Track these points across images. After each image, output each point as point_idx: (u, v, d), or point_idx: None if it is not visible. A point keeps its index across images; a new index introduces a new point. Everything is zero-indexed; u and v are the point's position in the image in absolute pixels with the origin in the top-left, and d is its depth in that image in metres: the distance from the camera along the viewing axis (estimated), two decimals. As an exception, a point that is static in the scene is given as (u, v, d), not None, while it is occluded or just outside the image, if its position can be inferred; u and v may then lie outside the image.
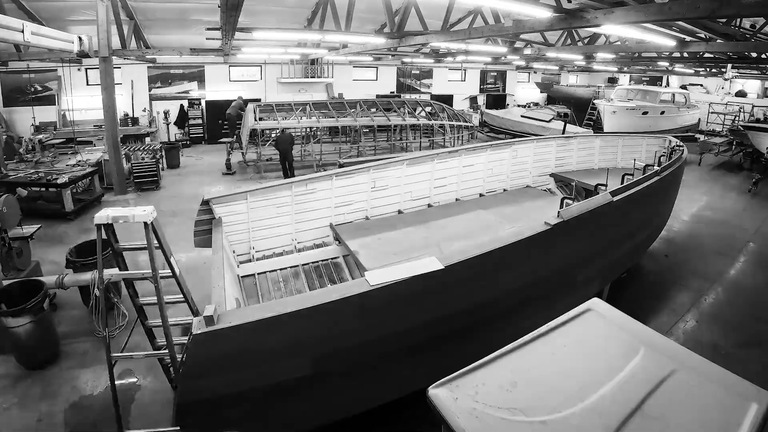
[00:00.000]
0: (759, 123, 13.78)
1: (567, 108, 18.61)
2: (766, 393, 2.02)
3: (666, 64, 14.36)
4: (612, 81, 24.73)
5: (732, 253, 7.20)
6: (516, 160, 7.41)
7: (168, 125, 15.55)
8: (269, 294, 4.70)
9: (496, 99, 22.68)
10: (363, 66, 19.25)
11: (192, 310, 3.26)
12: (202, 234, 4.63)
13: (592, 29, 7.92)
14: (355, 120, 13.08)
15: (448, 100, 20.34)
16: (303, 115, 12.90)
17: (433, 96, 20.10)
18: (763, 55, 10.77)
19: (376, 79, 20.01)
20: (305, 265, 5.17)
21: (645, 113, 16.22)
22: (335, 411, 3.17)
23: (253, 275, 4.91)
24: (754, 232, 8.19)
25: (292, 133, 9.37)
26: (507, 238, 3.59)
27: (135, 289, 3.24)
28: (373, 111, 14.45)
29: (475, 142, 14.30)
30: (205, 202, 4.67)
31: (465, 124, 15.03)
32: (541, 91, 23.63)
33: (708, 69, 16.41)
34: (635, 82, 24.18)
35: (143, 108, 15.27)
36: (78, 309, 5.24)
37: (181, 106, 15.81)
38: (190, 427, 2.64)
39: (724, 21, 7.16)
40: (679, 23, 7.09)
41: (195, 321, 2.50)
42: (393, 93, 19.88)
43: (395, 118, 13.81)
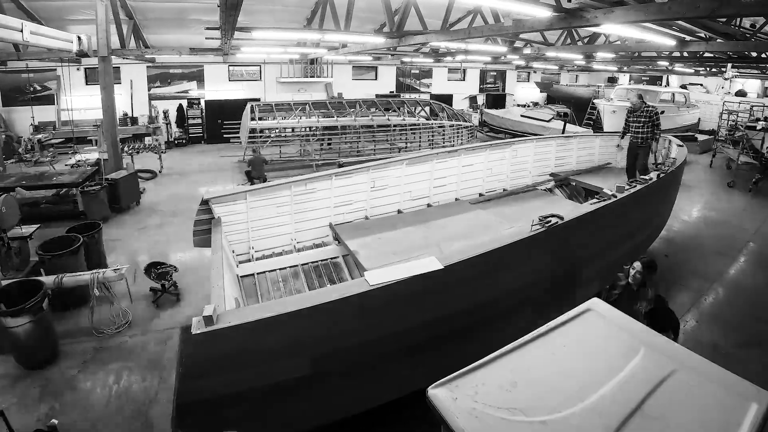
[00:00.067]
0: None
1: (567, 107, 18.59)
2: (766, 393, 2.01)
3: (666, 63, 14.32)
4: (612, 80, 24.69)
5: (732, 253, 7.19)
6: (516, 159, 7.40)
7: (168, 125, 15.54)
8: (268, 294, 4.69)
9: (495, 98, 22.68)
10: (363, 66, 19.24)
11: None
12: (201, 234, 4.61)
13: (591, 29, 7.92)
14: (355, 120, 13.07)
15: (447, 99, 20.32)
16: (302, 115, 12.90)
17: (433, 96, 20.07)
18: (763, 55, 10.76)
19: (375, 79, 20.01)
20: (305, 265, 5.15)
21: None
22: (334, 411, 3.16)
23: (253, 275, 4.89)
24: (754, 232, 8.18)
25: (262, 156, 9.55)
26: (507, 238, 3.59)
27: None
28: (373, 111, 14.45)
29: (475, 141, 14.30)
30: (205, 201, 4.65)
31: (465, 123, 15.02)
32: (541, 91, 23.63)
33: (708, 68, 16.37)
34: (635, 81, 24.14)
35: (153, 108, 15.29)
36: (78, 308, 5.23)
37: (180, 105, 15.79)
38: (189, 428, 2.64)
39: (724, 20, 7.14)
40: (679, 23, 7.07)
41: (194, 321, 2.49)
42: (392, 93, 19.87)
43: (395, 117, 13.80)
